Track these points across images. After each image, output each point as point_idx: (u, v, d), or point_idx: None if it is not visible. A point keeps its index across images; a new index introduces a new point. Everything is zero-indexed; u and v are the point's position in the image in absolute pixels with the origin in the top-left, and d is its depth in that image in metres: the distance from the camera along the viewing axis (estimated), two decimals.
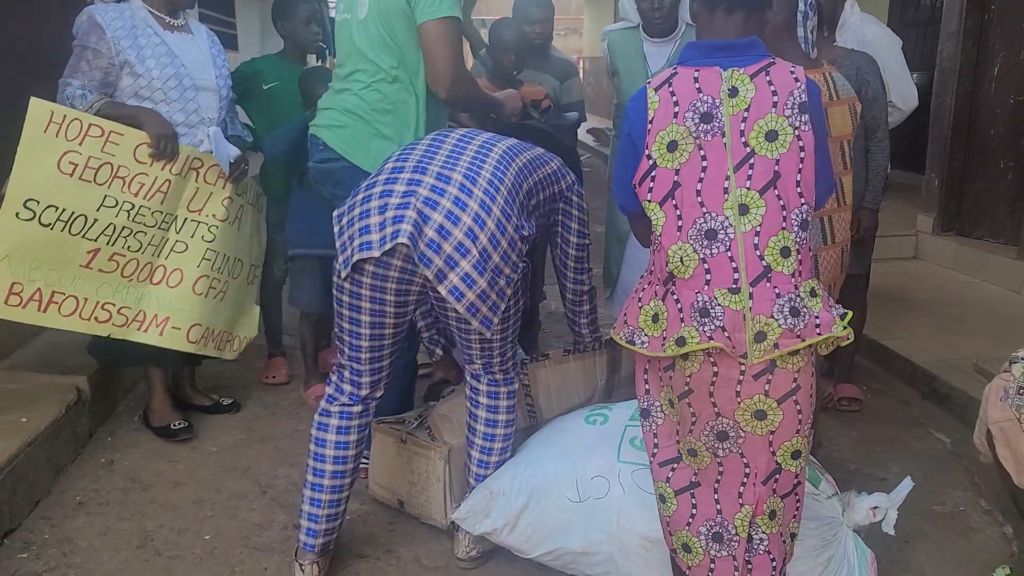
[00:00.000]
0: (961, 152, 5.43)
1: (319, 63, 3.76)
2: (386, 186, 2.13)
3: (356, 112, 2.56)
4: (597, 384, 2.77)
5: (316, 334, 3.64)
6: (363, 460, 2.78)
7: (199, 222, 3.03)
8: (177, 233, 3.00)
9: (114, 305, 2.90)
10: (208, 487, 2.89)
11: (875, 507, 2.22)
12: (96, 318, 2.89)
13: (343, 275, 2.15)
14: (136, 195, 2.83)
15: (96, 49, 2.78)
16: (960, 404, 3.37)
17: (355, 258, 2.09)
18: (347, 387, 2.33)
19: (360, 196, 2.16)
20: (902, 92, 3.54)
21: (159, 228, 2.94)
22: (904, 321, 4.30)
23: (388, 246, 2.05)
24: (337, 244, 2.17)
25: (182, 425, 3.19)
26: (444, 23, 2.42)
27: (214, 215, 3.05)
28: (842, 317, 1.83)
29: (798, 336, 1.75)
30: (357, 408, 2.34)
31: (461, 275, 2.05)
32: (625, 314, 1.92)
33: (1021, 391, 2.11)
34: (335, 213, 2.22)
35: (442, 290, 2.07)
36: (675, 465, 1.92)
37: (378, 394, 2.37)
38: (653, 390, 1.94)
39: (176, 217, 2.98)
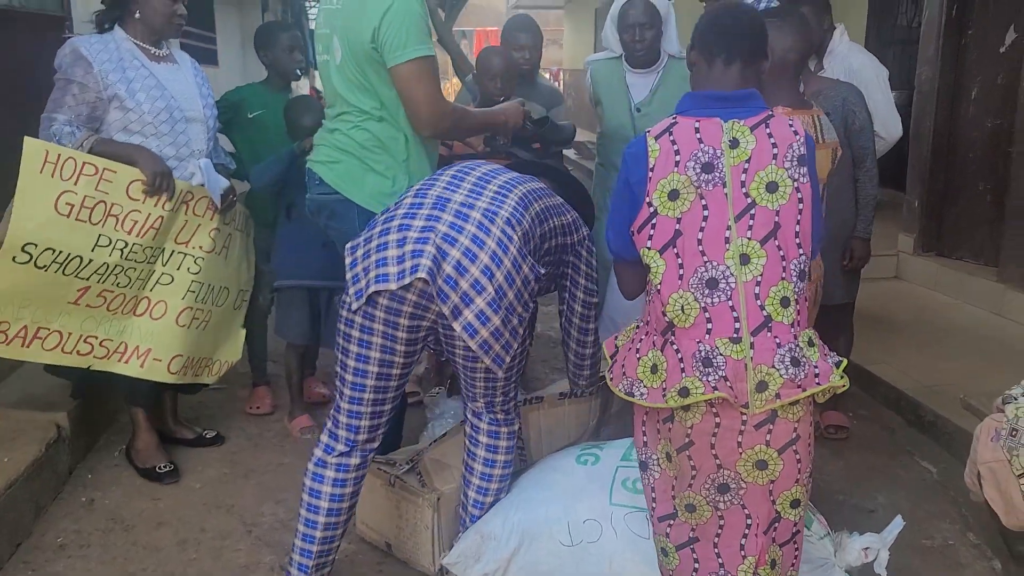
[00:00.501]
0: (941, 174, 5.49)
1: (306, 78, 3.76)
2: (405, 220, 2.11)
3: (348, 150, 2.56)
4: (589, 425, 2.76)
5: (302, 364, 3.61)
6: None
7: (186, 254, 2.98)
8: (163, 266, 2.95)
9: (96, 338, 2.86)
10: (192, 526, 2.85)
11: (867, 548, 2.22)
12: (78, 351, 2.85)
13: (354, 307, 2.11)
14: (129, 233, 2.79)
15: (83, 83, 2.72)
16: (946, 433, 3.39)
17: (371, 289, 2.06)
18: (343, 433, 2.27)
19: (378, 229, 2.14)
20: (886, 122, 3.57)
21: (148, 263, 2.90)
22: (887, 344, 4.32)
23: (407, 280, 2.02)
24: (348, 276, 2.14)
25: (167, 468, 3.13)
26: (415, 64, 2.40)
27: (201, 247, 3.01)
28: (838, 365, 1.84)
29: (799, 386, 1.77)
30: (355, 460, 2.29)
31: (476, 312, 2.04)
32: (623, 365, 1.91)
33: (1014, 433, 2.12)
34: (348, 245, 2.19)
35: (457, 326, 2.05)
36: (672, 521, 1.91)
37: (374, 444, 2.32)
38: (651, 442, 1.93)
39: (163, 250, 2.94)
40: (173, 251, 2.96)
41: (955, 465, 3.20)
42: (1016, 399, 2.20)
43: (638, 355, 1.88)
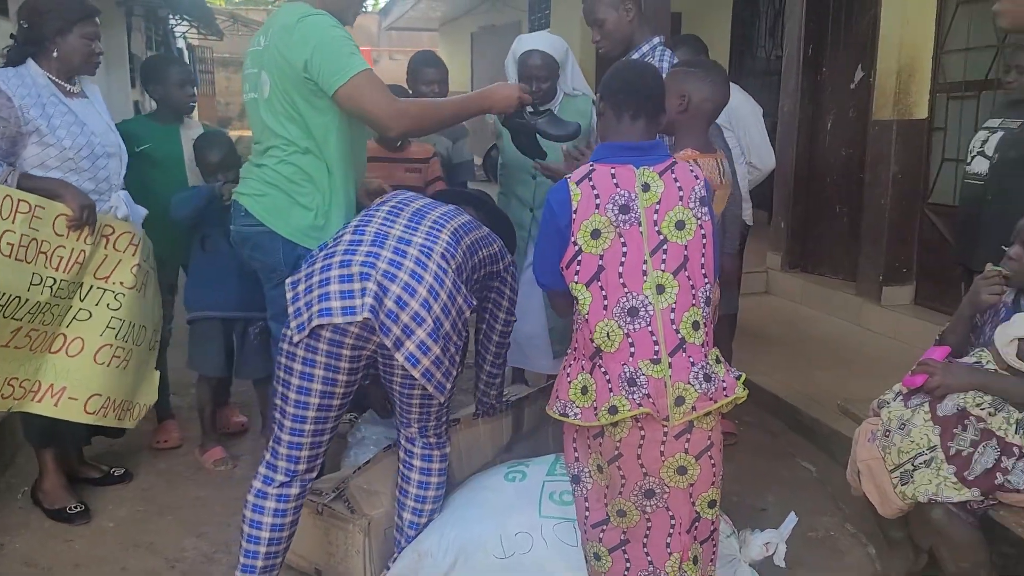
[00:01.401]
0: (803, 198, 6.01)
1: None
2: (346, 256, 2.20)
3: (274, 183, 2.62)
4: (503, 443, 2.91)
5: (213, 396, 3.59)
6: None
7: (105, 290, 2.94)
8: (81, 301, 2.90)
9: (17, 379, 2.79)
10: (112, 567, 2.81)
11: (767, 542, 2.48)
12: (1, 394, 2.77)
13: (296, 339, 2.18)
14: (57, 269, 2.74)
15: (4, 118, 2.67)
16: (823, 435, 3.75)
17: (314, 322, 2.14)
18: (283, 464, 2.33)
19: (319, 264, 2.22)
20: (761, 155, 3.92)
21: (67, 298, 2.85)
22: (763, 355, 4.70)
23: (353, 318, 2.11)
24: (290, 309, 2.21)
25: (78, 509, 3.07)
26: (354, 81, 2.46)
27: (122, 282, 2.97)
28: (738, 378, 2.10)
29: (711, 399, 2.01)
30: (295, 490, 2.35)
31: (417, 343, 2.15)
32: (557, 389, 2.10)
33: (887, 433, 2.42)
34: (288, 280, 2.26)
35: (399, 357, 2.15)
36: (605, 527, 2.10)
37: (313, 475, 2.39)
38: (582, 457, 2.12)
39: (81, 285, 2.89)
40: (92, 286, 2.92)
41: (832, 464, 3.56)
42: (888, 403, 2.50)
43: (569, 379, 2.07)
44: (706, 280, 2.07)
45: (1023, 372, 2.28)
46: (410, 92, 3.80)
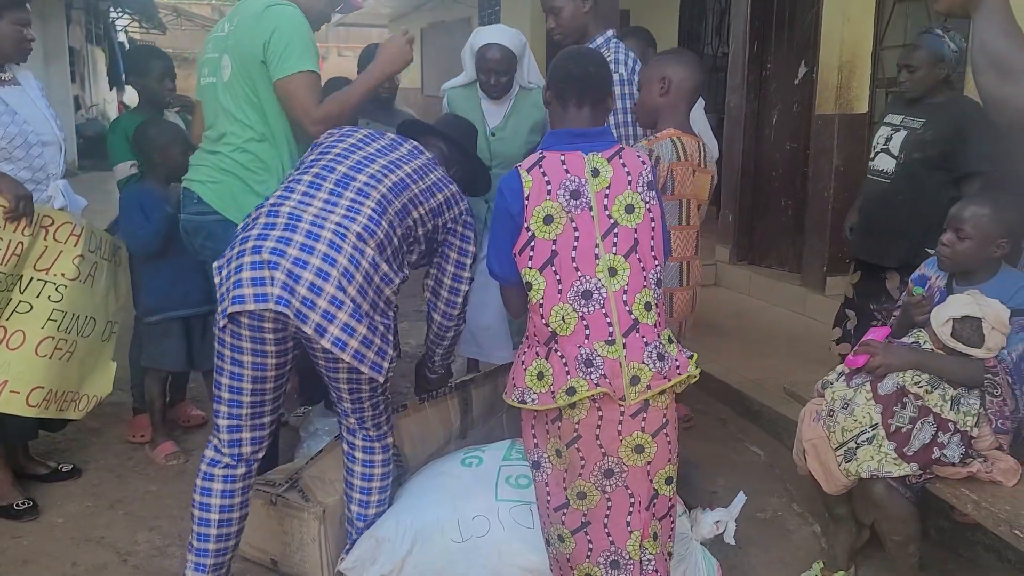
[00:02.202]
0: (749, 192, 6.14)
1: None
2: (257, 241, 2.17)
3: (230, 170, 2.62)
4: (453, 426, 2.93)
5: (164, 391, 3.55)
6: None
7: (46, 281, 2.88)
8: (21, 293, 2.84)
9: None
10: (62, 562, 2.76)
11: (718, 521, 2.55)
12: None
13: (220, 324, 2.18)
14: None
15: None
16: (770, 420, 3.86)
17: (230, 310, 2.13)
18: (226, 448, 2.33)
19: (235, 250, 2.20)
20: (707, 145, 3.99)
21: (6, 291, 2.79)
22: (713, 344, 4.80)
23: (265, 305, 2.09)
24: (218, 294, 2.21)
25: (26, 505, 3.02)
26: (295, 77, 2.51)
27: (63, 274, 2.92)
28: (690, 358, 2.16)
29: (665, 377, 2.07)
30: (241, 470, 2.35)
31: (341, 326, 2.11)
32: (512, 378, 2.14)
33: (831, 413, 2.51)
34: (215, 265, 2.25)
35: (325, 343, 2.11)
36: (566, 510, 2.14)
37: (259, 455, 2.39)
38: (541, 443, 2.16)
39: (21, 277, 2.84)
40: (32, 278, 2.86)
41: (779, 448, 3.66)
42: (832, 384, 2.59)
43: (524, 366, 2.11)
44: (656, 262, 2.12)
45: (957, 351, 2.38)
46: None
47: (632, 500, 2.10)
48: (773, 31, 5.91)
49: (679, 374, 2.10)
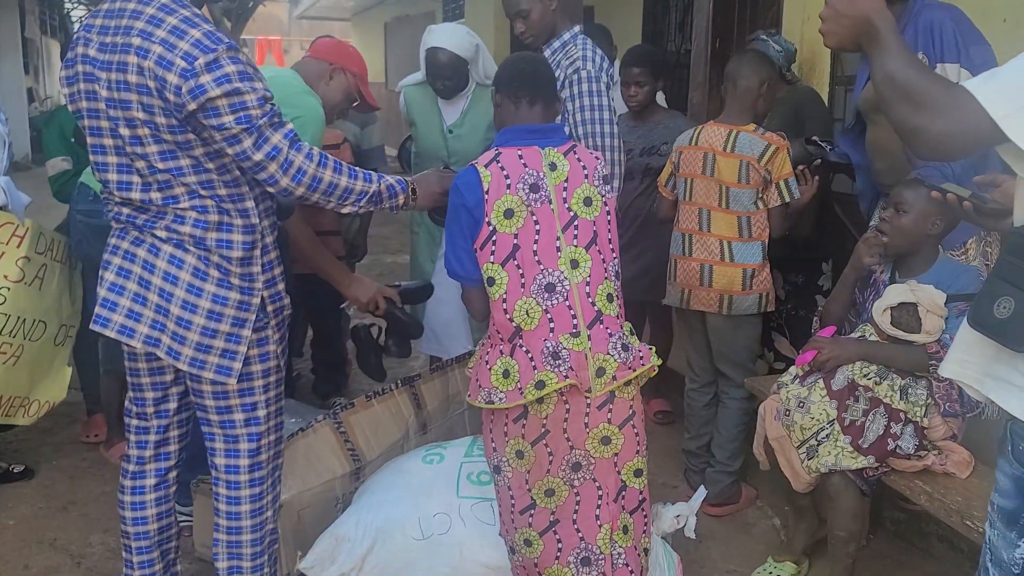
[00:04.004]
0: None
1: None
2: (107, 257, 2.09)
3: None
4: (408, 420, 2.91)
5: (121, 391, 3.46)
6: (187, 519, 2.73)
7: None
8: None
9: None
10: (13, 564, 2.71)
11: (678, 515, 2.56)
12: None
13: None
14: None
15: None
16: None
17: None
18: (134, 452, 2.25)
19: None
20: None
21: None
22: (676, 341, 4.81)
23: (103, 331, 2.04)
24: None
25: None
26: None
27: (5, 276, 2.83)
28: (650, 349, 2.19)
29: (630, 368, 2.09)
30: (150, 480, 2.24)
31: (170, 335, 2.01)
32: (477, 379, 2.13)
33: (787, 413, 2.53)
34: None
35: (160, 353, 2.02)
36: (533, 511, 2.13)
37: (170, 462, 2.27)
38: (499, 446, 2.14)
39: None
40: None
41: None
42: (786, 385, 2.62)
43: (488, 366, 2.10)
44: (614, 254, 2.15)
45: (899, 339, 2.42)
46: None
47: (600, 492, 2.11)
48: (735, 28, 5.95)
49: (642, 364, 2.12)
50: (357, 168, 2.09)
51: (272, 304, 2.11)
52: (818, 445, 2.44)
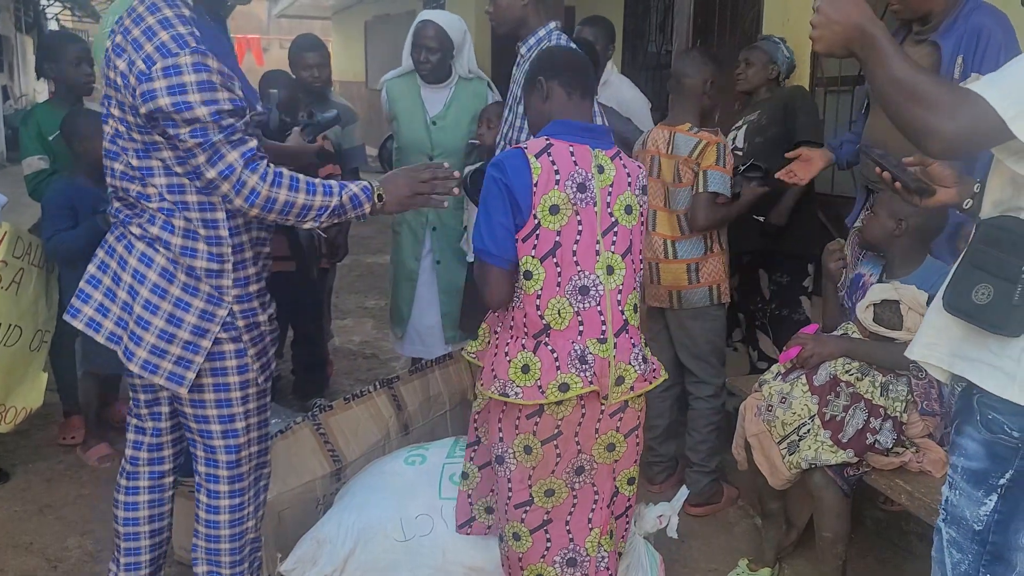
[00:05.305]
0: None
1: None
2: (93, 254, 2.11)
3: None
4: (388, 421, 2.90)
5: (100, 392, 3.43)
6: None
7: None
8: None
9: None
10: None
11: (661, 515, 2.56)
12: None
13: None
14: None
15: None
16: None
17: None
18: (129, 452, 2.25)
19: None
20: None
21: None
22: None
23: (73, 321, 2.07)
24: None
25: None
26: None
27: None
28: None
29: (647, 380, 2.11)
30: (143, 482, 2.25)
31: (129, 334, 2.00)
32: (493, 369, 2.08)
33: (769, 408, 2.55)
34: None
35: (119, 352, 2.01)
36: (528, 508, 2.12)
37: (163, 467, 2.26)
38: (507, 437, 2.10)
39: None
40: None
41: (724, 444, 3.69)
42: (769, 382, 2.63)
43: (508, 358, 2.05)
44: (641, 265, 2.17)
45: (881, 336, 2.45)
46: (293, 77, 3.73)
47: (596, 497, 2.12)
48: (715, 29, 5.98)
49: (655, 377, 2.14)
50: (317, 181, 2.00)
51: (244, 319, 2.05)
52: (799, 440, 2.45)
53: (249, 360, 2.08)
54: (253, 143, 1.93)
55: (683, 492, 2.61)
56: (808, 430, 2.44)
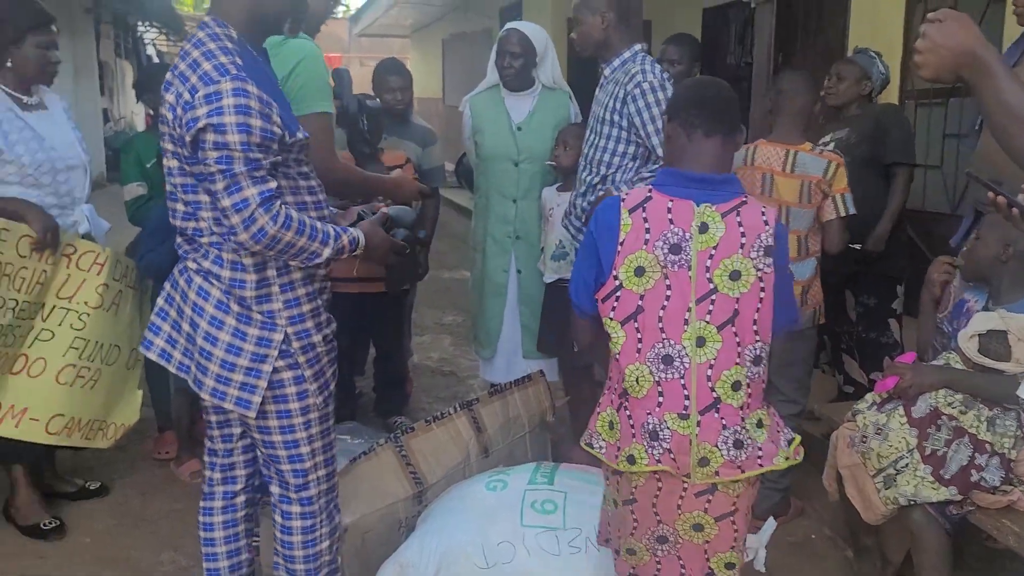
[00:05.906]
0: None
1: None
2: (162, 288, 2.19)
3: None
4: (468, 443, 2.90)
5: (191, 408, 3.54)
6: (255, 540, 2.76)
7: (68, 309, 2.89)
8: (43, 321, 2.85)
9: None
10: None
11: (748, 548, 2.49)
12: None
13: None
14: (19, 291, 2.70)
15: None
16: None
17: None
18: (217, 475, 2.31)
19: None
20: None
21: (29, 319, 2.81)
22: None
23: (147, 352, 2.17)
24: None
25: (53, 525, 3.02)
26: (311, 118, 2.41)
27: (86, 302, 2.92)
28: (789, 443, 1.96)
29: (739, 467, 1.86)
30: (240, 499, 2.32)
31: (196, 364, 2.06)
32: (590, 419, 2.01)
33: (864, 439, 2.45)
34: None
35: (188, 380, 2.08)
36: (616, 555, 2.07)
37: (255, 481, 2.33)
38: (607, 482, 2.06)
39: (43, 305, 2.84)
40: (55, 306, 2.87)
41: (808, 468, 3.57)
42: (863, 411, 2.54)
43: (599, 410, 1.97)
44: (758, 339, 1.87)
45: (987, 367, 2.32)
46: (376, 99, 3.81)
47: (683, 572, 1.97)
48: (798, 41, 5.85)
49: (759, 466, 1.86)
50: (319, 226, 2.01)
51: (298, 341, 2.08)
52: (896, 474, 2.35)
53: (308, 385, 2.11)
54: (273, 184, 1.94)
55: (770, 524, 2.53)
56: (906, 464, 2.34)
